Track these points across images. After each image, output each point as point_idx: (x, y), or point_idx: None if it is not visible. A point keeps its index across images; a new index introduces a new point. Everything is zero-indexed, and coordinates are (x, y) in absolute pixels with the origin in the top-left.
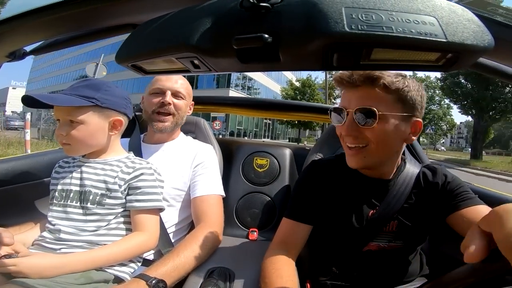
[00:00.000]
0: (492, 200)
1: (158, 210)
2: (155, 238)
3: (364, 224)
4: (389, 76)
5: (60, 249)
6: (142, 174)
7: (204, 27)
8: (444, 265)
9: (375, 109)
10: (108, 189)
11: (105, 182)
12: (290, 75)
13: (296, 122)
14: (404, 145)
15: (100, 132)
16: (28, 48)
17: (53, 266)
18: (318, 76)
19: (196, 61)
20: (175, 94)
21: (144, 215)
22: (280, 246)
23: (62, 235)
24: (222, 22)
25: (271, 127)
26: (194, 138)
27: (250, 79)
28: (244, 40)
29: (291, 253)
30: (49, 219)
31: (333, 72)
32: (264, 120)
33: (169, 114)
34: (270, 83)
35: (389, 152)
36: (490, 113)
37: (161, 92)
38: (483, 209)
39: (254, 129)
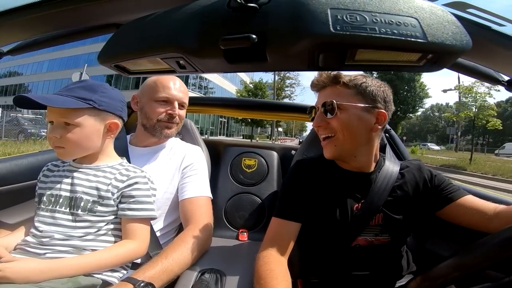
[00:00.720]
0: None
1: (149, 219)
2: (145, 246)
3: (350, 218)
4: (348, 75)
5: (44, 254)
6: (136, 183)
7: (190, 27)
8: (429, 262)
9: (334, 100)
10: (100, 197)
11: (97, 189)
12: (244, 76)
13: (249, 120)
14: (377, 137)
15: (96, 135)
16: (6, 48)
17: (40, 271)
18: (270, 79)
19: (182, 62)
20: (181, 104)
21: (136, 223)
22: (271, 246)
23: (48, 240)
24: (209, 23)
25: (226, 125)
26: (181, 139)
27: (206, 78)
28: (231, 40)
29: (283, 252)
30: (36, 224)
31: (281, 74)
32: (220, 119)
33: (175, 123)
34: (225, 83)
35: (357, 140)
36: (398, 113)
37: (169, 102)
38: (474, 198)
39: (211, 127)
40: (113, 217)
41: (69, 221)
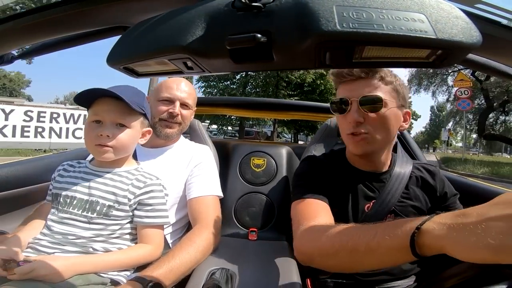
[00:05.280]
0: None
1: (163, 225)
2: (160, 250)
3: (360, 218)
4: (383, 70)
5: (53, 253)
6: (152, 191)
7: (196, 28)
8: (436, 259)
9: (380, 95)
10: (116, 201)
11: (114, 194)
12: None
13: None
14: (396, 136)
15: (136, 140)
16: (17, 52)
17: (67, 267)
18: None
19: (189, 63)
20: (183, 104)
21: (152, 229)
22: (311, 222)
23: (59, 240)
24: (214, 23)
25: None
26: (189, 139)
27: None
28: (237, 40)
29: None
30: (49, 223)
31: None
32: None
33: (176, 123)
34: None
35: (388, 139)
36: None
37: (170, 101)
38: None
39: None
40: (127, 221)
41: (83, 223)
